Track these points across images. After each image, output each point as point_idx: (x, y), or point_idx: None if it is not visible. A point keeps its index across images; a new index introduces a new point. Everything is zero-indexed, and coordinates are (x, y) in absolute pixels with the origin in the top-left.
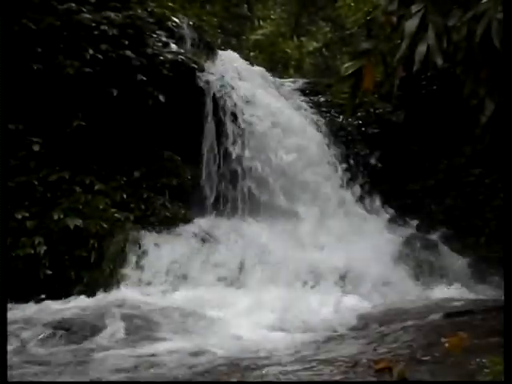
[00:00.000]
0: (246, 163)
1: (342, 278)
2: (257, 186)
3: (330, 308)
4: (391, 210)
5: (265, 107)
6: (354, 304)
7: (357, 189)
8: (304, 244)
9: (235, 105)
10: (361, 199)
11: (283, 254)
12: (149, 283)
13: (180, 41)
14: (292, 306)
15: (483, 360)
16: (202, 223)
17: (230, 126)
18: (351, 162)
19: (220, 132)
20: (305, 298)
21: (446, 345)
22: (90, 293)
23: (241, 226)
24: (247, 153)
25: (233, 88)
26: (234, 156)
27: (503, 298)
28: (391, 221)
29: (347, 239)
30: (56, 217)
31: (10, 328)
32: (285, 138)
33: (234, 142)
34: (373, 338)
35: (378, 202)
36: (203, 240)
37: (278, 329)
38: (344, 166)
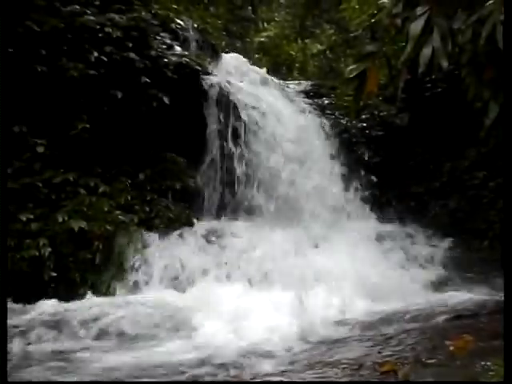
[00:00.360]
0: (249, 166)
1: (344, 280)
2: (261, 189)
3: (333, 311)
4: (395, 213)
5: (268, 109)
6: (357, 307)
7: (360, 191)
8: (306, 247)
9: (239, 107)
10: (364, 202)
11: (286, 257)
12: (152, 285)
13: (184, 43)
14: (293, 309)
15: (488, 363)
16: (205, 225)
17: (233, 129)
18: (355, 164)
19: (224, 134)
20: (307, 300)
21: (451, 348)
22: (95, 295)
23: (245, 229)
24: (251, 156)
25: (237, 90)
26: (237, 158)
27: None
28: (394, 223)
29: (349, 242)
30: (60, 219)
31: (14, 329)
32: (288, 140)
33: (238, 145)
34: (377, 340)
35: (381, 205)
36: (206, 242)
37: (280, 332)
38: (348, 168)
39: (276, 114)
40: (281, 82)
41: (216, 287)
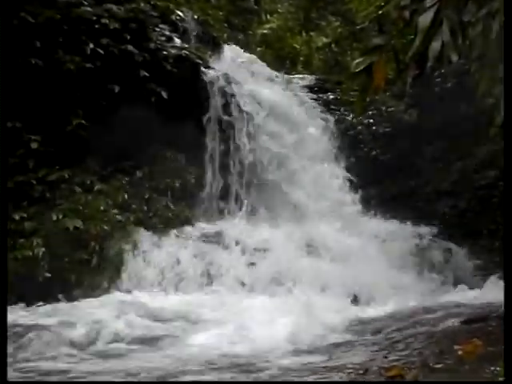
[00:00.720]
0: (251, 163)
1: (351, 283)
2: (262, 186)
3: (338, 314)
4: (402, 212)
5: (271, 105)
6: (363, 310)
7: (366, 190)
8: (309, 248)
9: (241, 102)
10: (370, 201)
11: (287, 258)
12: (149, 286)
13: (184, 35)
14: (295, 313)
15: (497, 368)
16: (205, 225)
17: (235, 124)
18: (361, 161)
19: (225, 130)
20: (311, 303)
21: (460, 352)
22: (90, 296)
23: (245, 228)
24: (253, 152)
25: (238, 85)
26: (239, 155)
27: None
28: (402, 224)
29: (356, 243)
30: (55, 218)
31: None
32: (291, 135)
33: (240, 141)
34: (383, 345)
35: (388, 204)
36: (206, 242)
37: (282, 337)
38: (353, 165)
39: (278, 109)
40: (284, 76)
41: (214, 290)
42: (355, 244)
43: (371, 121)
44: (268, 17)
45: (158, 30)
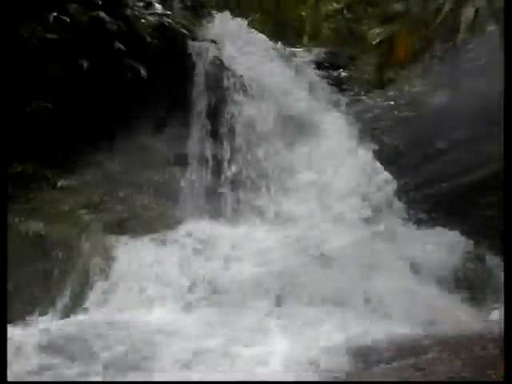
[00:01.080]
0: (246, 154)
1: (371, 298)
2: (257, 181)
3: (357, 335)
4: (426, 213)
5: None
6: (385, 330)
7: (384, 185)
8: (312, 254)
9: (234, 79)
10: (389, 198)
11: (285, 266)
12: (125, 303)
13: (166, 0)
14: (299, 335)
15: None
16: (191, 228)
17: (226, 106)
18: (378, 151)
19: (215, 113)
20: (324, 321)
21: (494, 377)
22: (52, 315)
23: (239, 232)
24: (248, 141)
25: (231, 59)
26: (231, 144)
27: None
28: (430, 226)
29: (375, 249)
30: (11, 220)
31: None
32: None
33: (232, 126)
34: (406, 370)
35: (409, 203)
36: (193, 249)
37: (274, 365)
38: (371, 156)
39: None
40: (287, 49)
41: (200, 305)
42: (367, 249)
43: (392, 103)
44: None
45: None
